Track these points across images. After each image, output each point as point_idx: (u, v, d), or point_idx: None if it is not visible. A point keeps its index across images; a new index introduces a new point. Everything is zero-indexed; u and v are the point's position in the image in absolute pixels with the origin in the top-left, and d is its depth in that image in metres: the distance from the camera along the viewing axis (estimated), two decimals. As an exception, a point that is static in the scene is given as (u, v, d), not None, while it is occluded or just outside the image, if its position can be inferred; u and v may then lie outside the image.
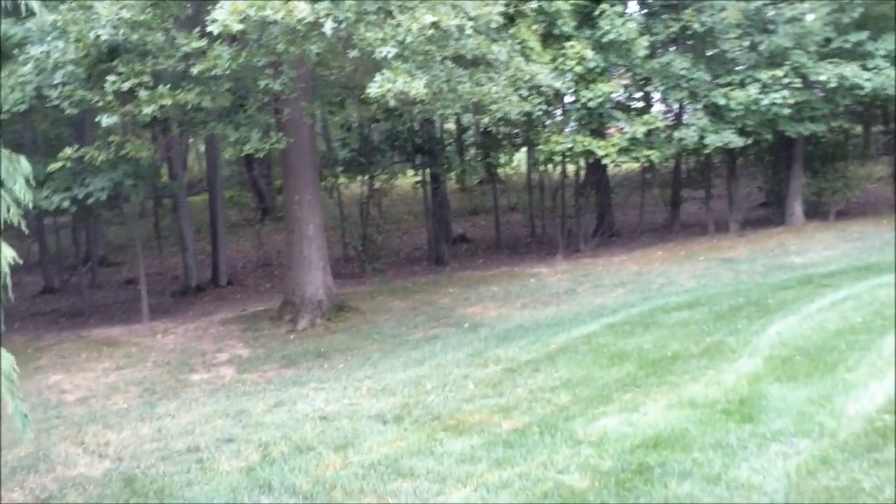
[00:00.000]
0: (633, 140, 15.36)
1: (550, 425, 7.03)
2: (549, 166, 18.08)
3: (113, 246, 26.13)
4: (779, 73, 15.75)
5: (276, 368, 11.19)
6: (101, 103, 9.56)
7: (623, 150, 15.23)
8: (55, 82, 9.87)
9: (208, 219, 20.05)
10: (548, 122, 14.86)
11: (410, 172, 19.36)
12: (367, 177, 18.28)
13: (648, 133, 15.52)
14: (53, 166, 10.49)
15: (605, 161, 15.48)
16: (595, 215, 20.02)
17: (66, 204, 12.12)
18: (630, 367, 8.60)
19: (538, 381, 8.55)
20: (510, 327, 11.92)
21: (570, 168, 18.65)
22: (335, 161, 18.19)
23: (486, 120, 10.60)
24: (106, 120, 9.53)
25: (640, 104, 17.73)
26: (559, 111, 16.00)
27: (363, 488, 6.14)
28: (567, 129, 15.15)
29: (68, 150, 10.33)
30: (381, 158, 17.91)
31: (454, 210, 25.37)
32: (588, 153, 15.02)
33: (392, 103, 9.41)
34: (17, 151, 5.40)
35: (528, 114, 12.22)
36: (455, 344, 11.12)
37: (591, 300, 13.46)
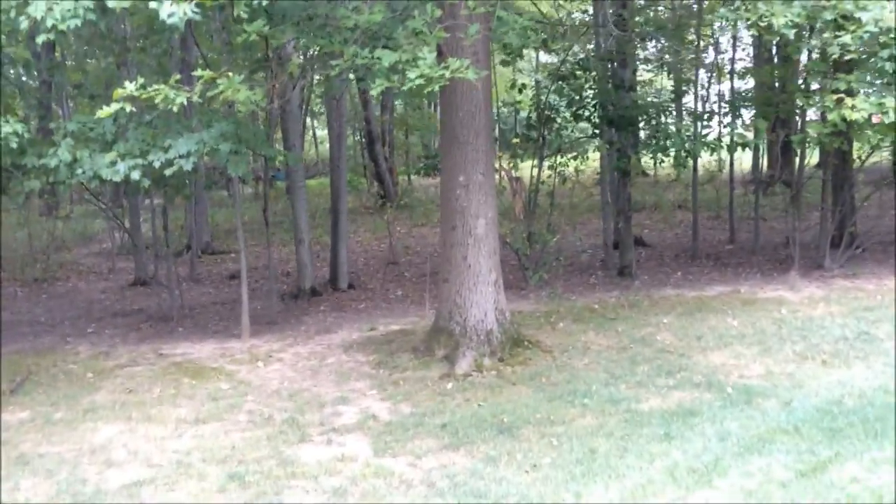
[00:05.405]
0: None
1: None
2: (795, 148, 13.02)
3: (220, 230, 22.77)
4: None
5: (435, 451, 6.93)
6: (159, -19, 5.51)
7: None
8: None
9: (326, 206, 16.18)
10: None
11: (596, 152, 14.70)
12: (538, 157, 13.69)
13: None
14: (102, 113, 6.52)
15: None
16: (832, 221, 14.83)
17: (135, 175, 8.24)
18: None
19: None
20: (816, 401, 7.22)
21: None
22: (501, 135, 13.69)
23: (813, 43, 5.86)
24: (167, 9, 5.46)
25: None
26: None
27: None
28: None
29: (128, 87, 6.35)
30: (555, 132, 13.32)
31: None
32: (898, 127, 9.88)
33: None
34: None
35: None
36: (737, 433, 6.54)
37: (919, 356, 8.54)
